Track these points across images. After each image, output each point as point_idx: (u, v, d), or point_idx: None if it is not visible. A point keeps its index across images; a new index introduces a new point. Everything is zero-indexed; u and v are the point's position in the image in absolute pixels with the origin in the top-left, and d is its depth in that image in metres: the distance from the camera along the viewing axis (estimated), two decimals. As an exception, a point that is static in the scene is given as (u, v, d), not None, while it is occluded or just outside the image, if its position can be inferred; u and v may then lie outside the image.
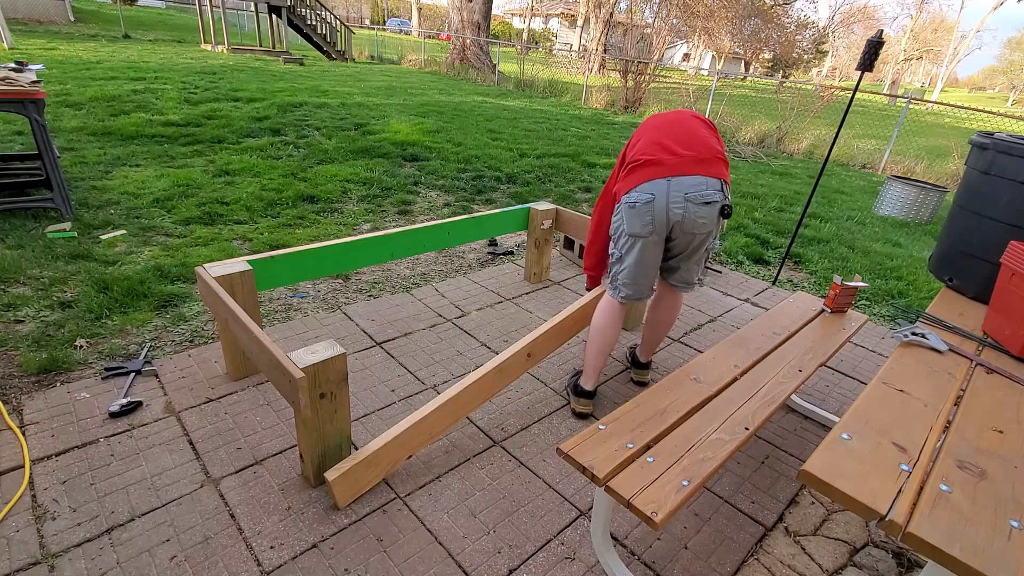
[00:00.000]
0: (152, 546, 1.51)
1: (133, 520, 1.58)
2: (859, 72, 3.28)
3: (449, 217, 3.51)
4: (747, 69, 36.96)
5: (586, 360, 2.14)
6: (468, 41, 17.13)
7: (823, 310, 2.28)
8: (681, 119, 1.94)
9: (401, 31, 42.78)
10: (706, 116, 10.05)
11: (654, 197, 1.83)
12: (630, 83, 12.60)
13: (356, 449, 1.90)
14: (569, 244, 3.76)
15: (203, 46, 15.69)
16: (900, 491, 1.05)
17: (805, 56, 40.83)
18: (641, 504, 1.22)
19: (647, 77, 12.62)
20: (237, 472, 1.78)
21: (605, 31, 20.08)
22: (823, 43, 45.30)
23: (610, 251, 2.03)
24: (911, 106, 10.03)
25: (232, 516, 1.62)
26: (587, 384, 2.16)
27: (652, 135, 1.89)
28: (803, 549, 1.70)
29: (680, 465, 1.34)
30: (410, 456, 1.81)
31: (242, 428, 1.97)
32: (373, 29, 30.29)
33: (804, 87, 11.89)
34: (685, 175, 1.82)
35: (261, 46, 16.94)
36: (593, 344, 2.11)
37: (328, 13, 16.96)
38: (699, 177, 1.83)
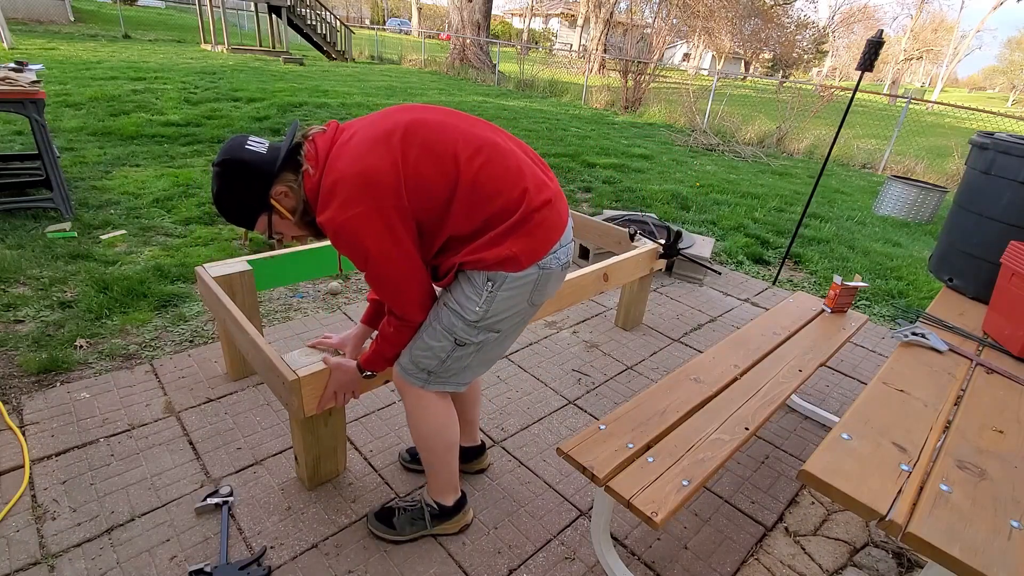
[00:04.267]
0: (152, 546, 1.51)
1: (133, 520, 1.58)
2: (859, 72, 3.28)
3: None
4: (747, 69, 36.96)
5: (442, 475, 1.53)
6: (468, 41, 17.13)
7: (823, 310, 2.28)
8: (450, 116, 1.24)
9: (401, 31, 42.77)
10: (705, 116, 9.86)
11: (573, 240, 1.38)
12: (630, 83, 12.59)
13: (356, 449, 1.91)
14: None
15: (203, 46, 15.69)
16: (900, 491, 1.05)
17: (805, 56, 40.82)
18: (641, 504, 1.22)
19: (647, 77, 12.61)
20: (237, 472, 1.77)
21: (605, 31, 20.07)
22: (823, 43, 45.30)
23: (461, 337, 1.29)
24: (911, 106, 10.03)
25: (232, 516, 1.62)
26: (453, 496, 1.59)
27: (492, 150, 1.20)
28: (803, 549, 1.70)
29: (680, 465, 1.34)
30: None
31: (242, 428, 1.97)
32: (373, 29, 30.30)
33: (804, 87, 11.89)
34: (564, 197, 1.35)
35: (261, 46, 16.93)
36: (453, 457, 1.51)
37: (328, 13, 16.95)
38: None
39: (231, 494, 1.67)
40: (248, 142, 1.21)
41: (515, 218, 1.20)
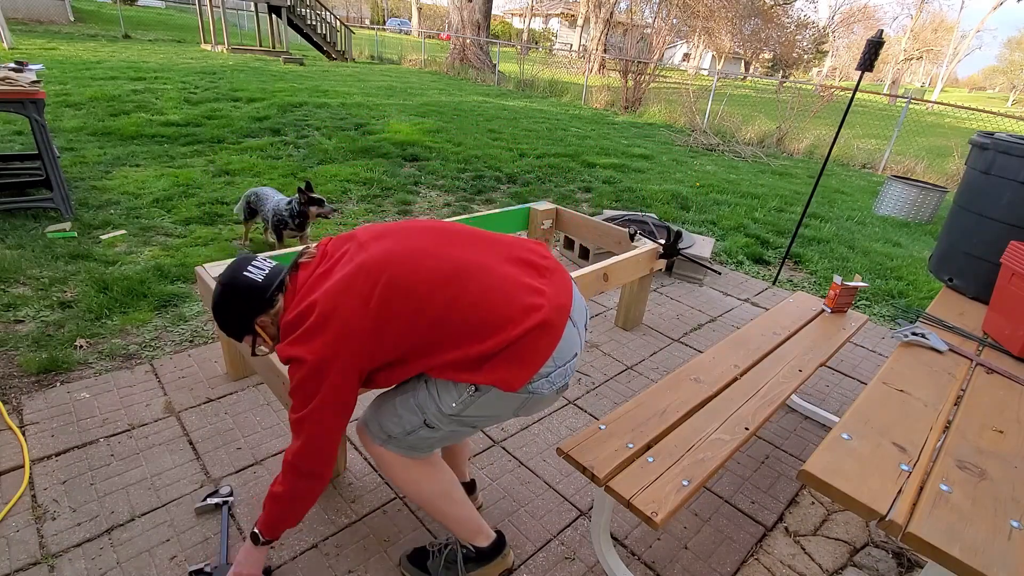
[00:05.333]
0: (152, 546, 1.51)
1: (133, 520, 1.58)
2: (859, 72, 3.28)
3: (449, 217, 3.51)
4: (747, 69, 36.96)
5: (451, 524, 1.40)
6: (468, 41, 17.12)
7: (823, 310, 2.28)
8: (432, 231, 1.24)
9: (401, 31, 42.77)
10: (705, 116, 9.87)
11: (578, 353, 1.26)
12: (630, 83, 12.59)
13: (356, 449, 1.91)
14: (569, 244, 3.76)
15: (203, 46, 15.69)
16: (900, 491, 1.05)
17: (805, 56, 40.82)
18: (641, 504, 1.22)
19: (647, 77, 12.61)
20: (237, 472, 1.77)
21: (605, 31, 20.07)
22: (823, 43, 45.30)
23: (432, 420, 1.24)
24: (911, 106, 10.03)
25: (232, 516, 1.62)
26: (485, 539, 1.44)
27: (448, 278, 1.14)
28: (803, 549, 1.70)
29: (680, 465, 1.34)
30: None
31: (242, 428, 1.97)
32: (373, 29, 30.31)
33: (804, 87, 11.89)
34: (569, 297, 1.24)
35: (261, 46, 16.93)
36: (451, 504, 1.38)
37: (328, 13, 16.96)
38: (577, 297, 1.30)
39: (231, 494, 1.66)
40: (249, 267, 1.24)
41: (492, 353, 1.13)
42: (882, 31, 3.16)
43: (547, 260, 1.28)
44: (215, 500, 1.63)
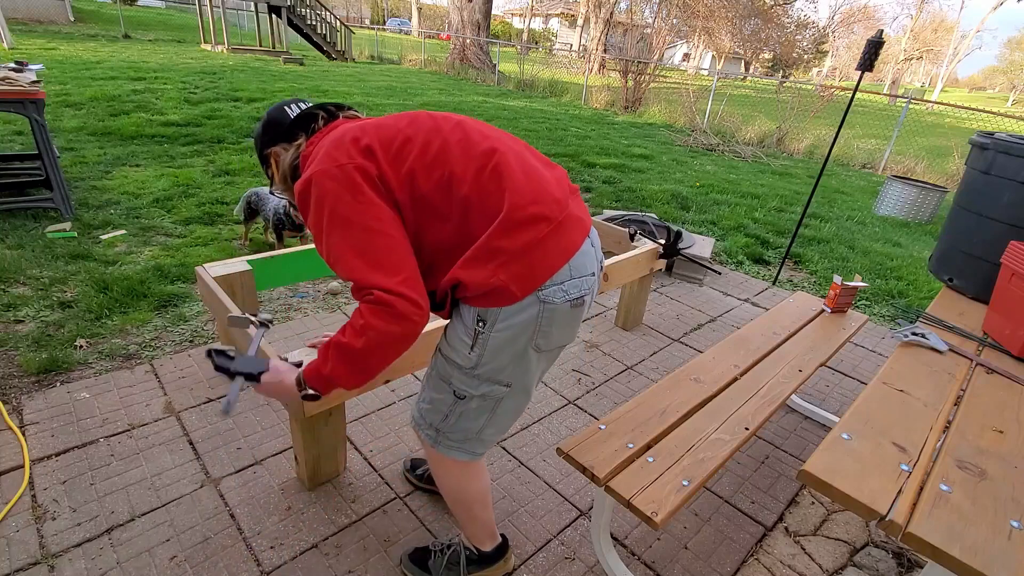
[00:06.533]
0: (152, 546, 1.51)
1: (133, 520, 1.58)
2: (859, 72, 3.28)
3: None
4: (747, 69, 36.95)
5: (471, 526, 1.41)
6: (468, 41, 17.13)
7: (823, 310, 2.28)
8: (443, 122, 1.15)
9: (401, 31, 42.76)
10: (705, 116, 9.87)
11: (595, 275, 1.18)
12: (630, 83, 12.59)
13: (356, 449, 1.91)
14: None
15: (203, 46, 15.68)
16: (900, 491, 1.05)
17: (805, 56, 40.82)
18: (641, 504, 1.22)
19: (647, 77, 12.61)
20: (237, 472, 1.77)
21: (605, 31, 20.07)
22: (823, 43, 45.28)
23: (459, 388, 1.18)
24: (911, 106, 10.03)
25: (232, 516, 1.62)
26: (492, 542, 1.46)
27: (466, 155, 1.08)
28: (803, 549, 1.70)
29: (680, 465, 1.34)
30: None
31: (242, 428, 1.97)
32: (373, 29, 30.30)
33: (804, 87, 11.89)
34: (588, 217, 1.21)
35: (261, 46, 16.92)
36: (483, 509, 1.39)
37: (328, 13, 16.95)
38: (594, 230, 1.23)
39: (271, 321, 1.40)
40: (291, 104, 1.27)
41: (500, 223, 1.03)
42: (882, 31, 3.16)
43: (574, 187, 1.25)
44: (255, 317, 1.38)
